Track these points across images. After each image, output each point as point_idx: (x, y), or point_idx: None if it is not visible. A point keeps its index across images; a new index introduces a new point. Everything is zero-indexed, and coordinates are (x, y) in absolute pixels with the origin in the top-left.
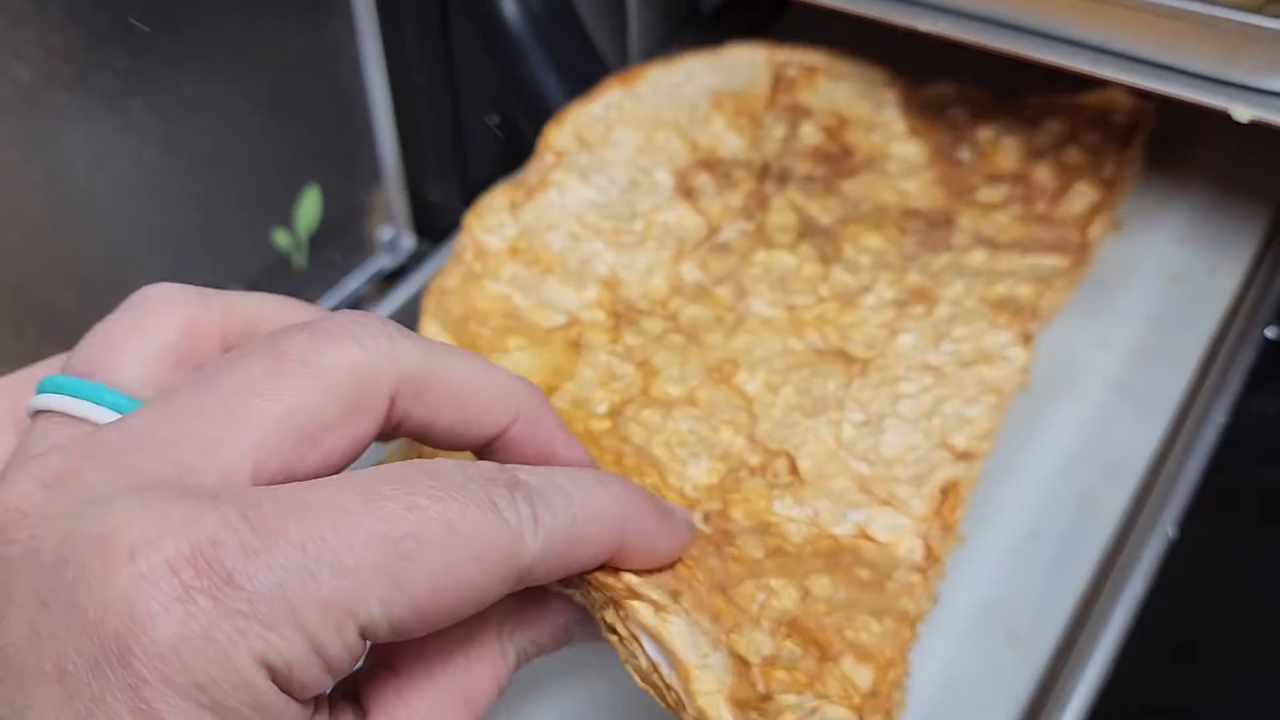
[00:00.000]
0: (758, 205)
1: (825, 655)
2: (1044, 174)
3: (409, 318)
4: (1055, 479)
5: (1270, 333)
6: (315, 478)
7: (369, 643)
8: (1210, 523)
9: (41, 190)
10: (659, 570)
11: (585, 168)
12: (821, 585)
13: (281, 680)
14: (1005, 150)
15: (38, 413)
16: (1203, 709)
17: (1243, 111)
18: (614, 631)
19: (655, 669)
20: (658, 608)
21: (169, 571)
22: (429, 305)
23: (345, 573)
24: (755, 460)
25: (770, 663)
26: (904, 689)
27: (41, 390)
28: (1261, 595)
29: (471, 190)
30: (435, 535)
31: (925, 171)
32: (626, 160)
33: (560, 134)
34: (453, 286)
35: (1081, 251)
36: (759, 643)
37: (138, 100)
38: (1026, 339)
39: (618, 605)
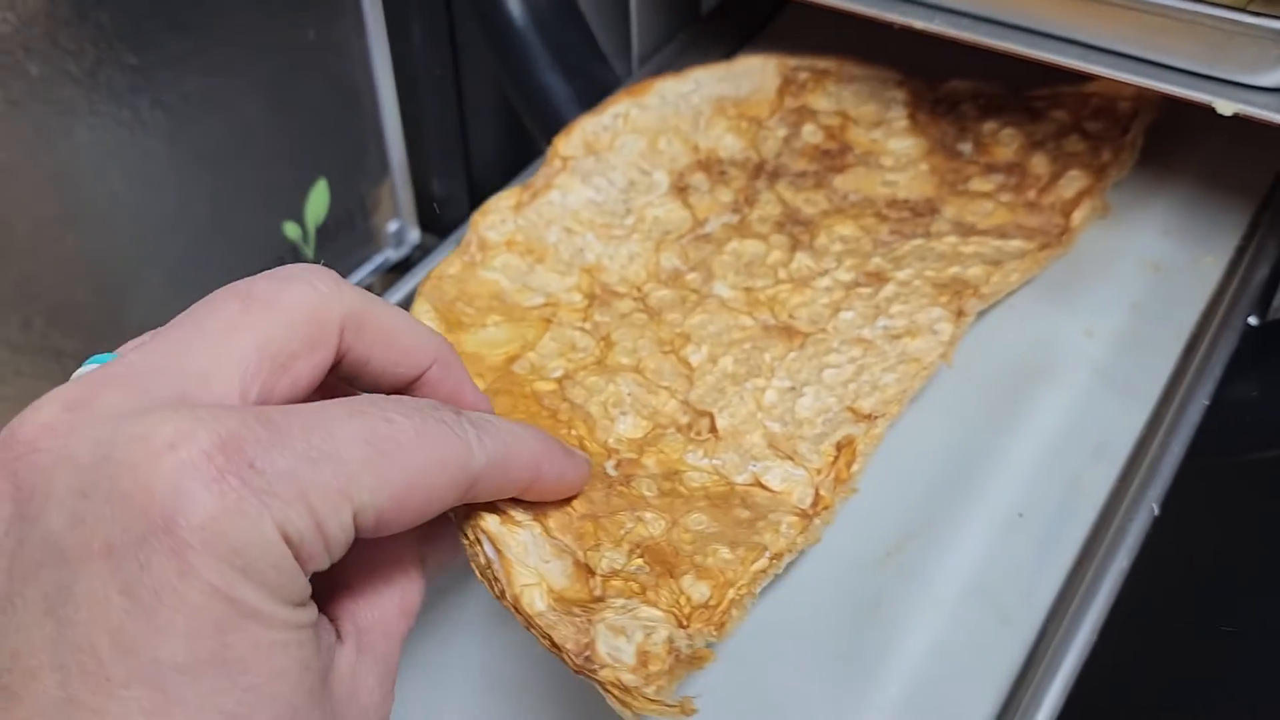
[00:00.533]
0: (746, 200)
1: (669, 574)
2: (1040, 162)
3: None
4: (1044, 461)
5: (1252, 320)
6: (290, 402)
7: (354, 537)
8: (1192, 503)
9: (50, 184)
10: (557, 505)
11: (589, 171)
12: (696, 520)
13: (294, 549)
14: (1006, 141)
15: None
16: (1182, 679)
17: (1226, 105)
18: (466, 537)
19: (489, 565)
20: (504, 518)
21: (205, 458)
22: (425, 289)
23: (342, 464)
24: (684, 420)
25: (614, 574)
26: (744, 609)
27: (85, 364)
28: (1240, 573)
29: (476, 185)
30: (408, 441)
31: (919, 164)
32: (628, 163)
33: (569, 143)
34: (453, 273)
35: (1062, 235)
36: (611, 559)
37: (146, 96)
38: (960, 314)
39: (470, 516)
